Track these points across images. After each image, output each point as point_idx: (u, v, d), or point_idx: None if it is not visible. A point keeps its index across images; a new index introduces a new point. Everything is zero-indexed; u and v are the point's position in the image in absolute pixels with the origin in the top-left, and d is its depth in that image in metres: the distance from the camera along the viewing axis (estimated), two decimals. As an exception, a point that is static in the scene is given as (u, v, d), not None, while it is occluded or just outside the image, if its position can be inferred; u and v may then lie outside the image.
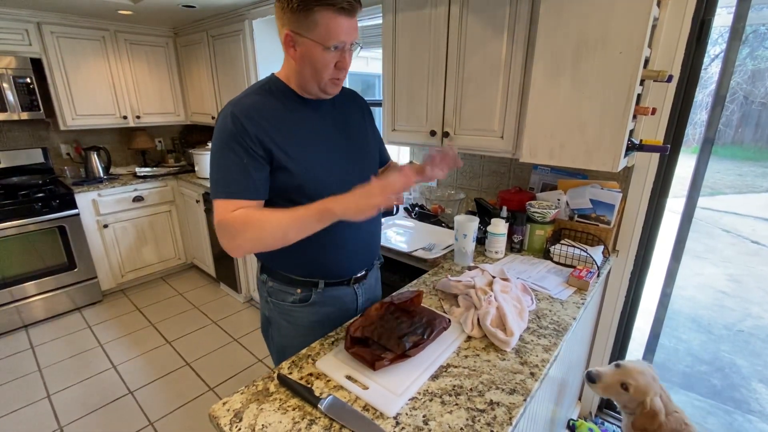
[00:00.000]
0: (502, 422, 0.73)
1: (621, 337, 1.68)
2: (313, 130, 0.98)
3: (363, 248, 1.10)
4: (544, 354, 0.92)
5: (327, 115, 1.01)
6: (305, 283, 1.04)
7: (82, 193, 2.62)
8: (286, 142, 0.91)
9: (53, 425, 1.76)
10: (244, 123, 0.86)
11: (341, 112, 1.05)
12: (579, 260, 1.33)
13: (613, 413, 1.80)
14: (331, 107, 1.02)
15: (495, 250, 1.41)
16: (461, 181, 1.97)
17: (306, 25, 0.83)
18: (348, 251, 1.06)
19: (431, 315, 0.94)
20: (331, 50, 0.86)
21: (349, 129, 1.05)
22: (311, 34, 0.84)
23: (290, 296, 1.05)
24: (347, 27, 0.85)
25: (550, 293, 1.18)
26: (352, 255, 1.08)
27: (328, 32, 0.84)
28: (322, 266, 1.04)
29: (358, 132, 1.07)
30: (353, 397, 0.78)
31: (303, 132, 0.95)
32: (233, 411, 0.75)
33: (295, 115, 0.95)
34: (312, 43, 0.85)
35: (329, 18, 0.82)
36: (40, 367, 2.15)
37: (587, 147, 1.19)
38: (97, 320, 2.61)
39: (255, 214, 0.85)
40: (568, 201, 1.48)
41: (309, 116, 0.97)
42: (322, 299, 1.06)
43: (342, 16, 0.83)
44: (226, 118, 0.87)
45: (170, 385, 2.01)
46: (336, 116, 1.03)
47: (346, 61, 0.90)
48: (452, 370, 0.86)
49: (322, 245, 1.00)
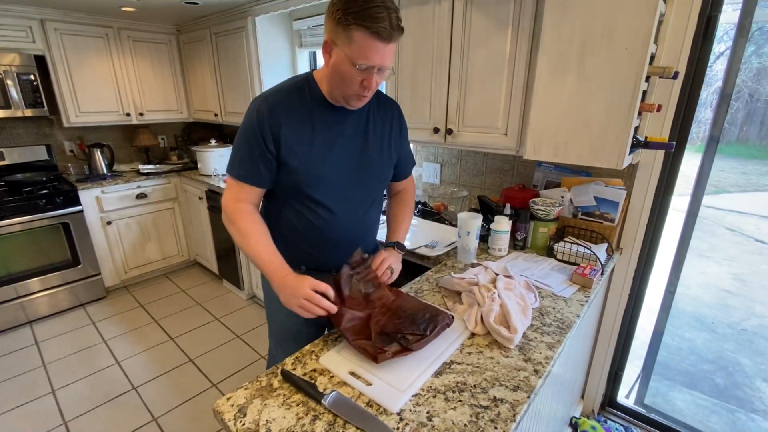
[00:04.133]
0: (506, 419, 0.73)
1: (624, 335, 1.67)
2: (330, 136, 1.02)
3: (350, 244, 1.12)
4: (547, 351, 0.92)
5: (349, 124, 1.05)
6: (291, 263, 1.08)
7: (85, 190, 2.63)
8: (298, 143, 0.98)
9: (58, 420, 1.77)
10: (266, 121, 0.95)
11: (366, 122, 1.07)
12: (583, 258, 1.32)
13: (615, 411, 1.80)
14: (357, 116, 1.06)
15: (498, 248, 1.41)
16: (464, 179, 1.96)
17: (343, 38, 0.87)
18: (331, 249, 1.11)
19: (434, 311, 0.94)
20: (358, 68, 0.88)
21: (367, 141, 1.08)
22: (345, 48, 0.87)
23: None
24: (381, 51, 0.87)
25: (553, 291, 1.18)
26: (337, 249, 1.11)
27: (361, 51, 0.86)
28: (304, 256, 1.11)
29: (377, 146, 1.09)
30: (357, 393, 0.79)
31: (319, 137, 1.01)
32: (237, 406, 0.75)
33: (319, 119, 1.01)
34: (344, 56, 0.88)
35: (364, 38, 0.85)
36: (44, 362, 2.16)
37: (592, 144, 1.18)
38: (101, 316, 2.62)
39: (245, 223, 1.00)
40: (571, 198, 1.47)
41: (330, 123, 1.02)
42: None
43: (377, 40, 0.85)
44: (253, 111, 0.97)
45: (174, 381, 2.02)
46: (359, 126, 1.06)
47: (372, 82, 0.92)
48: (456, 366, 0.86)
49: (306, 237, 1.09)
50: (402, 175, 1.24)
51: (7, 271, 2.39)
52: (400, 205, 1.24)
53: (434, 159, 2.06)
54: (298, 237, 1.09)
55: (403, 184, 1.26)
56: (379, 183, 1.16)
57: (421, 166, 2.12)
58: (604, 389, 1.77)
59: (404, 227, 1.21)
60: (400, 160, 1.19)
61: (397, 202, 1.25)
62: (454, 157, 1.98)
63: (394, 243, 1.15)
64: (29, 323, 2.53)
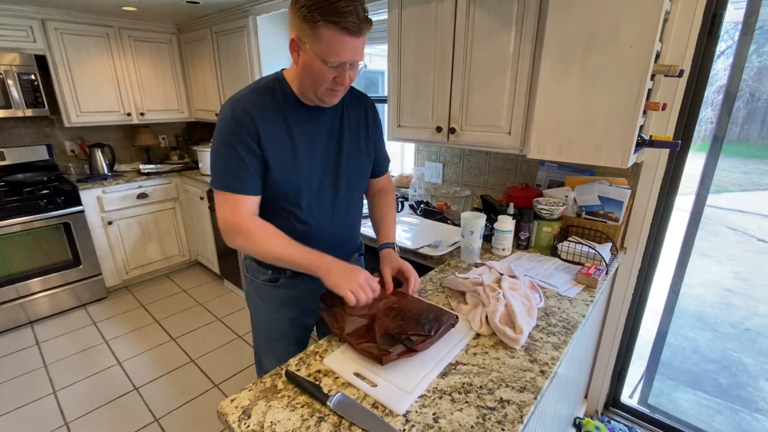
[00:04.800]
0: (513, 420, 0.72)
1: (628, 335, 1.67)
2: (308, 138, 0.99)
3: (334, 246, 1.10)
4: (553, 352, 0.91)
5: (325, 122, 1.02)
6: (275, 268, 1.10)
7: (86, 190, 2.62)
8: (276, 148, 0.94)
9: (59, 421, 1.77)
10: (244, 121, 0.90)
11: (341, 119, 1.05)
12: (587, 257, 1.31)
13: (618, 411, 1.79)
14: (332, 115, 1.03)
15: (502, 248, 1.40)
16: (467, 178, 1.96)
17: (310, 36, 0.84)
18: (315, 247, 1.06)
19: (438, 311, 0.93)
20: (330, 66, 0.86)
21: (344, 139, 1.05)
22: (314, 45, 0.84)
23: (262, 275, 1.11)
24: (351, 46, 0.85)
25: (558, 291, 1.17)
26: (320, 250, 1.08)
27: (331, 48, 0.83)
28: None
29: (353, 143, 1.07)
30: (362, 395, 0.78)
31: (295, 140, 0.97)
32: (241, 408, 0.75)
33: (293, 119, 0.97)
34: (313, 54, 0.85)
35: (333, 35, 0.82)
36: (45, 363, 2.16)
37: (596, 143, 1.17)
38: (102, 317, 2.61)
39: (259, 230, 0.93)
40: (575, 198, 1.47)
41: (305, 123, 0.99)
42: (290, 283, 1.11)
43: (346, 35, 0.83)
44: (227, 114, 0.92)
45: (175, 382, 2.02)
46: (334, 124, 1.04)
47: (345, 78, 0.89)
48: (461, 367, 0.86)
49: None
50: (379, 172, 1.21)
51: (7, 271, 2.38)
52: (385, 204, 1.21)
53: (436, 158, 2.06)
54: None
55: (381, 182, 1.24)
56: (359, 181, 1.13)
57: (423, 166, 2.12)
58: (608, 389, 1.77)
59: (394, 226, 1.20)
60: (376, 155, 1.16)
61: (380, 203, 1.22)
62: (457, 156, 1.97)
63: (392, 244, 1.13)
64: (30, 324, 2.53)
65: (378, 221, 1.20)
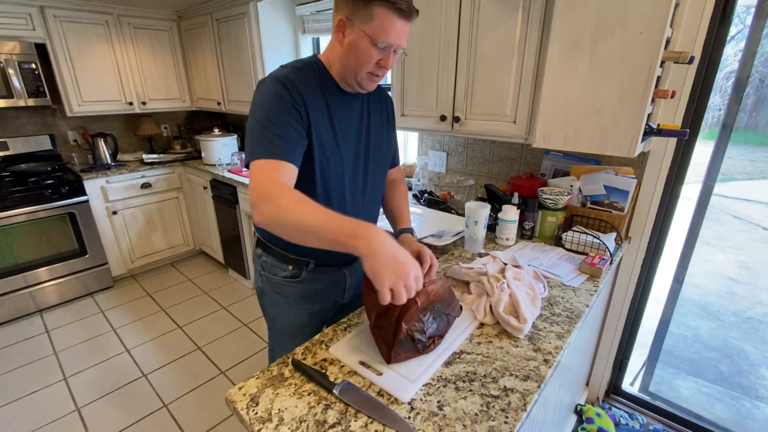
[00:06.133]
0: (516, 408, 0.73)
1: (631, 324, 1.67)
2: (342, 123, 0.98)
3: None
4: (557, 341, 0.91)
5: (357, 111, 1.02)
6: (297, 262, 1.08)
7: (90, 179, 2.63)
8: (321, 129, 0.93)
9: (71, 407, 1.81)
10: (293, 94, 0.86)
11: (368, 111, 1.05)
12: (591, 247, 1.31)
13: (619, 398, 1.81)
14: (360, 104, 1.03)
15: (506, 237, 1.40)
16: (471, 167, 1.95)
17: (362, 15, 0.84)
18: None
19: (447, 301, 0.92)
20: (378, 47, 0.86)
21: (371, 131, 1.05)
22: (364, 25, 0.84)
23: (282, 272, 1.09)
24: (400, 29, 0.86)
25: (562, 280, 1.18)
26: None
27: (382, 28, 0.84)
28: (315, 251, 1.04)
29: (378, 135, 1.07)
30: (367, 383, 0.79)
31: (335, 126, 0.96)
32: (249, 395, 0.76)
33: (332, 103, 0.95)
34: (363, 34, 0.85)
35: (386, 15, 0.83)
36: (55, 350, 2.20)
37: (603, 132, 1.16)
38: (110, 305, 2.65)
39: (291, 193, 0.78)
40: (580, 187, 1.46)
41: (343, 108, 0.98)
42: (312, 277, 1.10)
43: (398, 17, 0.84)
44: (271, 88, 0.86)
45: (183, 369, 2.05)
46: (363, 114, 1.03)
47: (389, 62, 0.89)
48: (465, 356, 0.86)
49: None
50: (393, 164, 1.22)
51: (15, 261, 2.41)
52: (399, 194, 1.23)
53: (440, 147, 2.04)
54: None
55: (394, 174, 1.25)
56: (382, 172, 1.13)
57: (426, 155, 2.10)
58: (609, 377, 1.78)
59: (409, 214, 1.21)
60: (394, 150, 1.18)
61: (394, 192, 1.23)
62: (461, 145, 1.96)
63: (410, 229, 1.14)
64: (39, 312, 2.57)
65: (393, 209, 1.21)
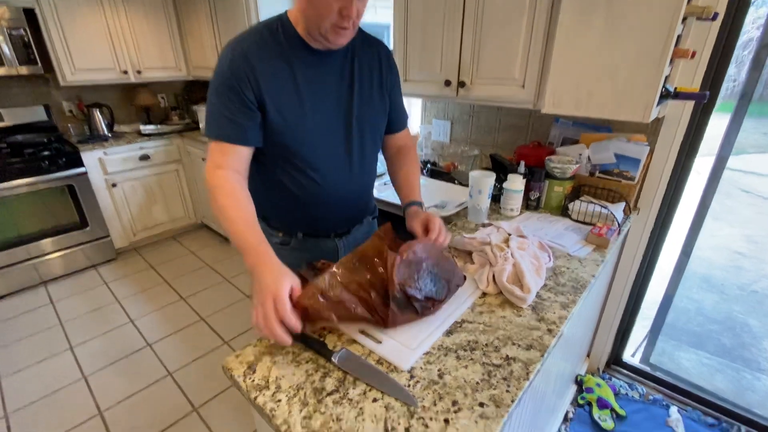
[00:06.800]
0: (519, 377, 0.71)
1: (635, 296, 1.66)
2: (315, 86, 0.91)
3: (347, 210, 1.07)
4: (561, 311, 0.89)
5: (333, 68, 0.93)
6: (285, 231, 1.06)
7: (87, 151, 2.58)
8: (281, 97, 0.87)
9: (77, 375, 1.84)
10: (241, 67, 0.83)
11: (352, 65, 0.95)
12: (599, 217, 1.27)
13: (620, 369, 1.82)
14: (342, 59, 0.94)
15: (510, 208, 1.36)
16: (476, 137, 1.88)
17: None
18: (329, 209, 1.03)
19: (449, 269, 0.89)
20: None
21: (355, 87, 0.96)
22: None
23: (273, 237, 1.07)
24: None
25: (567, 251, 1.14)
26: (333, 213, 1.05)
27: None
28: (299, 221, 1.05)
29: (366, 91, 0.98)
30: (367, 351, 0.77)
31: (302, 87, 0.89)
32: (246, 363, 0.75)
33: (298, 64, 0.88)
34: None
35: None
36: (61, 320, 2.22)
37: (617, 95, 1.09)
38: (113, 277, 2.67)
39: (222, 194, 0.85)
40: (590, 156, 1.40)
41: (313, 69, 0.90)
42: (303, 246, 1.08)
43: None
44: (223, 61, 0.85)
45: (186, 339, 2.08)
46: (344, 71, 0.95)
47: (352, 9, 0.79)
48: (467, 325, 0.85)
49: (299, 202, 1.00)
50: (397, 126, 1.11)
51: (18, 232, 2.41)
52: (408, 163, 1.12)
53: (444, 115, 1.97)
54: (289, 202, 1.00)
55: (401, 139, 1.13)
56: (373, 134, 1.04)
57: (430, 123, 2.03)
58: (611, 348, 1.79)
59: (419, 185, 1.12)
60: (393, 107, 1.06)
61: (402, 161, 1.13)
62: (466, 113, 1.88)
63: (419, 203, 1.07)
64: (44, 283, 2.59)
65: (401, 180, 1.11)
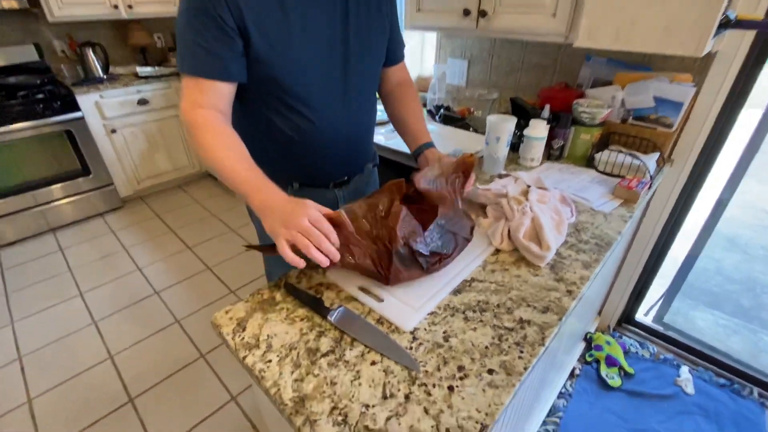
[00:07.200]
0: (533, 342, 0.64)
1: (656, 255, 1.56)
2: (307, 13, 0.77)
3: (346, 154, 0.97)
4: (583, 271, 0.81)
5: None
6: (280, 181, 0.95)
7: (83, 94, 2.46)
8: (265, 20, 0.73)
9: (87, 320, 1.88)
10: None
11: None
12: (629, 169, 1.15)
13: (631, 328, 1.78)
14: None
15: (531, 157, 1.24)
16: (495, 78, 1.70)
17: None
18: (326, 156, 0.93)
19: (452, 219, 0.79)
20: None
21: (350, 12, 0.82)
22: None
23: None
24: None
25: (592, 205, 1.04)
26: (331, 161, 0.95)
27: None
28: (294, 169, 0.95)
29: (364, 18, 0.85)
30: (366, 310, 0.71)
31: (288, 11, 0.75)
32: (236, 320, 0.69)
33: None
34: None
35: None
36: (70, 267, 2.24)
37: (666, 23, 0.92)
38: (120, 225, 2.66)
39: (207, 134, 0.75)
40: (624, 99, 1.24)
41: None
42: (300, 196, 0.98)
43: None
44: None
45: (193, 287, 2.08)
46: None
47: None
48: (477, 284, 0.77)
49: (293, 146, 0.90)
50: (394, 59, 0.99)
51: (22, 179, 2.37)
52: (409, 100, 1.02)
53: (461, 54, 1.78)
54: (282, 147, 0.90)
55: (398, 73, 1.03)
56: (373, 65, 0.93)
57: (445, 63, 1.84)
58: (624, 307, 1.73)
59: (424, 123, 1.02)
60: (391, 38, 0.95)
61: (403, 98, 1.02)
62: (485, 50, 1.69)
63: (431, 143, 0.98)
64: (52, 231, 2.60)
65: (404, 122, 1.01)
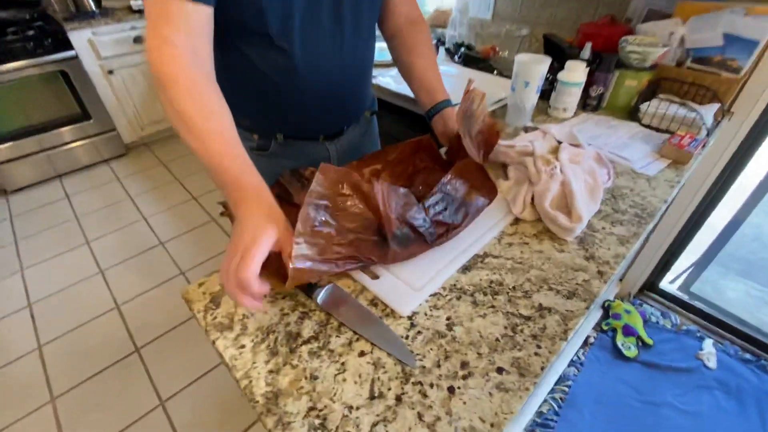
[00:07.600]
0: (553, 335, 0.54)
1: (694, 220, 1.40)
2: None
3: (337, 100, 0.82)
4: (618, 247, 0.68)
5: None
6: (263, 132, 0.84)
7: (75, 30, 2.28)
8: None
9: (94, 269, 1.88)
10: None
11: None
12: (681, 123, 0.97)
13: (653, 296, 1.67)
14: None
15: (564, 107, 1.06)
16: (527, 11, 1.45)
17: None
18: (313, 103, 0.79)
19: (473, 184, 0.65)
20: None
21: None
22: None
23: (248, 142, 0.83)
24: None
25: (632, 166, 0.88)
26: (319, 108, 0.80)
27: None
28: (277, 118, 0.82)
29: None
30: (359, 288, 0.61)
31: None
32: (210, 295, 0.61)
33: None
34: None
35: None
36: (77, 215, 2.23)
37: (763, -72, 0.70)
38: (125, 173, 2.61)
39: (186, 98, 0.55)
40: (685, 36, 1.02)
41: None
42: (283, 151, 0.86)
43: None
44: None
45: (198, 239, 2.05)
46: None
47: None
48: (491, 261, 0.66)
49: (275, 89, 0.75)
50: None
51: (23, 123, 2.30)
52: (420, 43, 0.83)
53: (487, -18, 1.52)
54: (262, 91, 0.76)
55: (407, 7, 0.83)
56: (370, 18, 0.76)
57: (467, -7, 1.59)
58: (649, 274, 1.61)
59: (439, 75, 0.84)
60: None
61: (415, 44, 0.82)
62: (516, -23, 1.43)
63: (449, 101, 0.81)
64: (59, 177, 2.57)
65: (417, 71, 0.83)
